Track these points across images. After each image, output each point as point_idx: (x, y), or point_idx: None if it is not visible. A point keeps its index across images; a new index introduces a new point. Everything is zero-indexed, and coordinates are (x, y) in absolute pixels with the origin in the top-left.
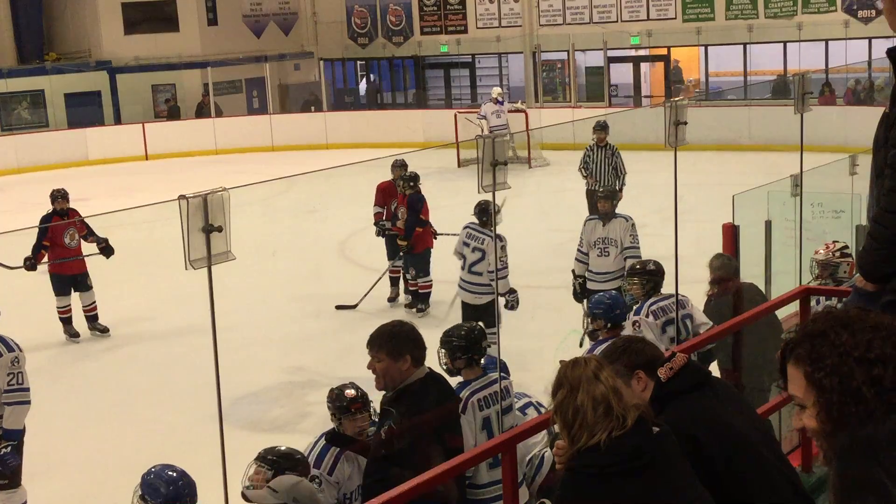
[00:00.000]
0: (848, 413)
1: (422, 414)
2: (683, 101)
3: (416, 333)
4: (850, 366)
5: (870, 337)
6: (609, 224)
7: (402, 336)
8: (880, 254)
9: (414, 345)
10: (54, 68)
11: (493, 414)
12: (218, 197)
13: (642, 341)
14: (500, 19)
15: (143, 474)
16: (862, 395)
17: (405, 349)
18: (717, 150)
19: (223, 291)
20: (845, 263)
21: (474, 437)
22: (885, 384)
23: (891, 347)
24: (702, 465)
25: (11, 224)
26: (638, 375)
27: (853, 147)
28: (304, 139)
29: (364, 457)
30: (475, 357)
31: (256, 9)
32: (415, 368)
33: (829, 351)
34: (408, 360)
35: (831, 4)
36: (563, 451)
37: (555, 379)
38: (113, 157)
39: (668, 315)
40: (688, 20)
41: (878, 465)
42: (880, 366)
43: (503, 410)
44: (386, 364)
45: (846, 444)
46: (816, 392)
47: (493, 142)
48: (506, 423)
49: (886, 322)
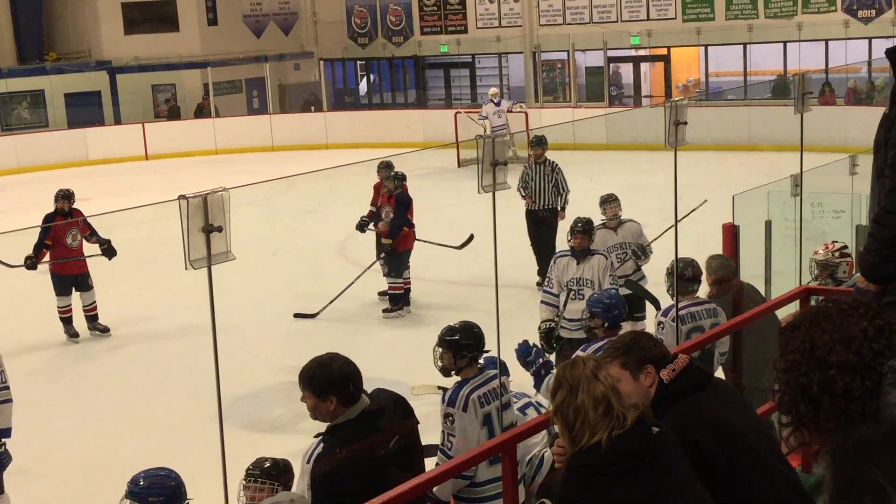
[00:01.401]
0: (800, 410)
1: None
2: (683, 101)
3: (345, 371)
4: (808, 364)
5: (838, 338)
6: (585, 262)
7: (325, 377)
8: (881, 254)
9: (341, 385)
10: (54, 68)
11: (493, 410)
12: (218, 197)
13: (651, 338)
14: (500, 19)
15: (130, 480)
16: (813, 395)
17: (330, 390)
18: (717, 150)
19: (223, 291)
20: (844, 263)
21: (476, 434)
22: (837, 389)
23: (853, 355)
24: (702, 466)
25: (11, 224)
26: (647, 370)
27: (853, 147)
28: (304, 139)
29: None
30: (477, 355)
31: (256, 9)
32: (344, 408)
33: (797, 345)
34: (333, 402)
35: (831, 4)
36: (563, 451)
37: (553, 380)
38: (113, 157)
39: (697, 322)
40: (688, 20)
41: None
42: (836, 370)
43: (503, 407)
44: (313, 402)
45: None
46: (780, 383)
47: (493, 142)
48: (505, 419)
49: (873, 324)
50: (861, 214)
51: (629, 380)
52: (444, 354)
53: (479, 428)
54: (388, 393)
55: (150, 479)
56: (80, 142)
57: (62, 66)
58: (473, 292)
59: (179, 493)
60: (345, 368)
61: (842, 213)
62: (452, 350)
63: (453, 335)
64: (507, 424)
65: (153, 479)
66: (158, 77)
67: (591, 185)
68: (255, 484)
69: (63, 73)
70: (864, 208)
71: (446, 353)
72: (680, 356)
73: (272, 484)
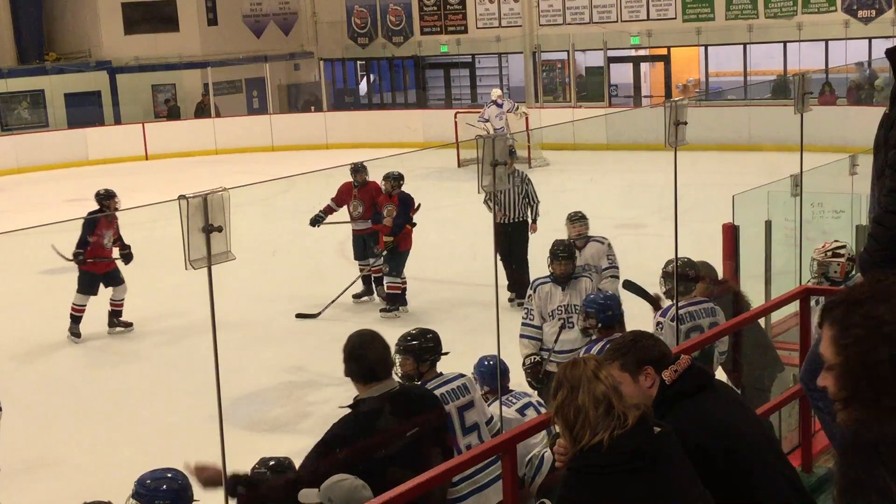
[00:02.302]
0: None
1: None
2: (683, 101)
3: (365, 348)
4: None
5: None
6: (572, 288)
7: (346, 348)
8: (881, 254)
9: (356, 361)
10: (54, 68)
11: (453, 409)
12: (218, 197)
13: (651, 338)
14: (500, 19)
15: (136, 481)
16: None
17: (346, 364)
18: (717, 150)
19: (223, 291)
20: (836, 263)
21: None
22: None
23: None
24: (704, 466)
25: (12, 224)
26: (647, 371)
27: (853, 147)
28: (304, 139)
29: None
30: (436, 359)
31: (256, 9)
32: (362, 386)
33: (860, 320)
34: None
35: (831, 4)
36: (564, 450)
37: (554, 380)
38: (113, 157)
39: (695, 321)
40: (688, 20)
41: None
42: None
43: (463, 408)
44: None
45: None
46: (839, 358)
47: (493, 142)
48: (468, 419)
49: None
50: (861, 214)
51: (629, 381)
52: (406, 361)
53: None
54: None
55: (157, 480)
56: (80, 142)
57: (62, 66)
58: (474, 292)
59: (185, 496)
60: (366, 344)
61: (842, 213)
62: (414, 355)
63: (413, 341)
64: (470, 425)
65: (159, 482)
66: (158, 77)
67: (591, 185)
68: None
69: (63, 73)
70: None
71: (408, 360)
72: (682, 357)
73: None
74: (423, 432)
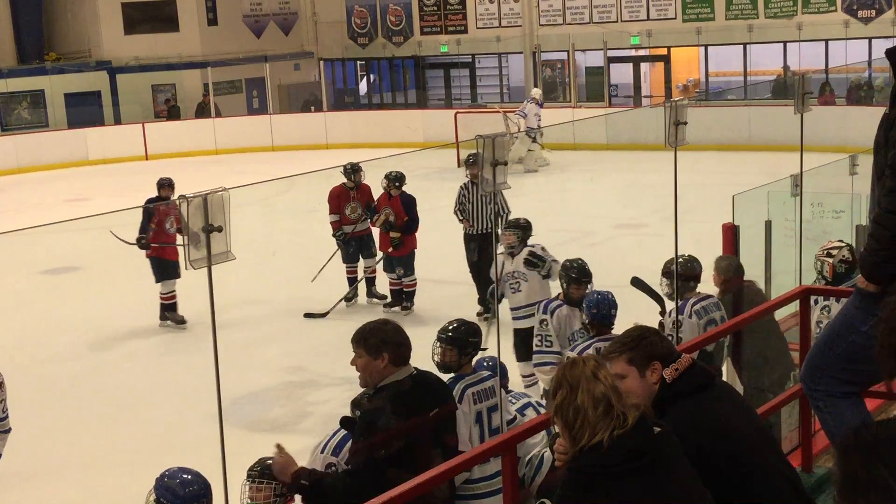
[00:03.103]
0: None
1: (414, 414)
2: (683, 101)
3: (398, 333)
4: None
5: None
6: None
7: (380, 334)
8: (881, 255)
9: (395, 344)
10: (54, 68)
11: (483, 409)
12: (218, 197)
13: (658, 334)
14: (500, 19)
15: (158, 477)
16: None
17: (383, 348)
18: (717, 150)
19: (223, 291)
20: (827, 263)
21: (468, 428)
22: None
23: None
24: (704, 466)
25: (12, 224)
26: (654, 367)
27: (853, 147)
28: (304, 139)
29: None
30: (475, 353)
31: (256, 9)
32: (394, 367)
33: None
34: (385, 359)
35: (831, 4)
36: (564, 450)
37: (553, 379)
38: (113, 157)
39: (709, 315)
40: (688, 20)
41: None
42: None
43: (491, 409)
44: (365, 361)
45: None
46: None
47: (493, 141)
48: (493, 421)
49: None
50: (861, 214)
51: (636, 375)
52: (450, 351)
53: (472, 423)
54: (432, 375)
55: (177, 481)
56: (80, 142)
57: (62, 66)
58: (474, 291)
59: (208, 495)
60: (398, 331)
61: (842, 213)
62: (458, 347)
63: (459, 332)
64: (495, 427)
65: (182, 482)
66: (158, 77)
67: (591, 185)
68: (256, 484)
69: (63, 73)
70: (864, 208)
71: (451, 350)
72: (683, 356)
73: (274, 483)
74: (440, 414)
